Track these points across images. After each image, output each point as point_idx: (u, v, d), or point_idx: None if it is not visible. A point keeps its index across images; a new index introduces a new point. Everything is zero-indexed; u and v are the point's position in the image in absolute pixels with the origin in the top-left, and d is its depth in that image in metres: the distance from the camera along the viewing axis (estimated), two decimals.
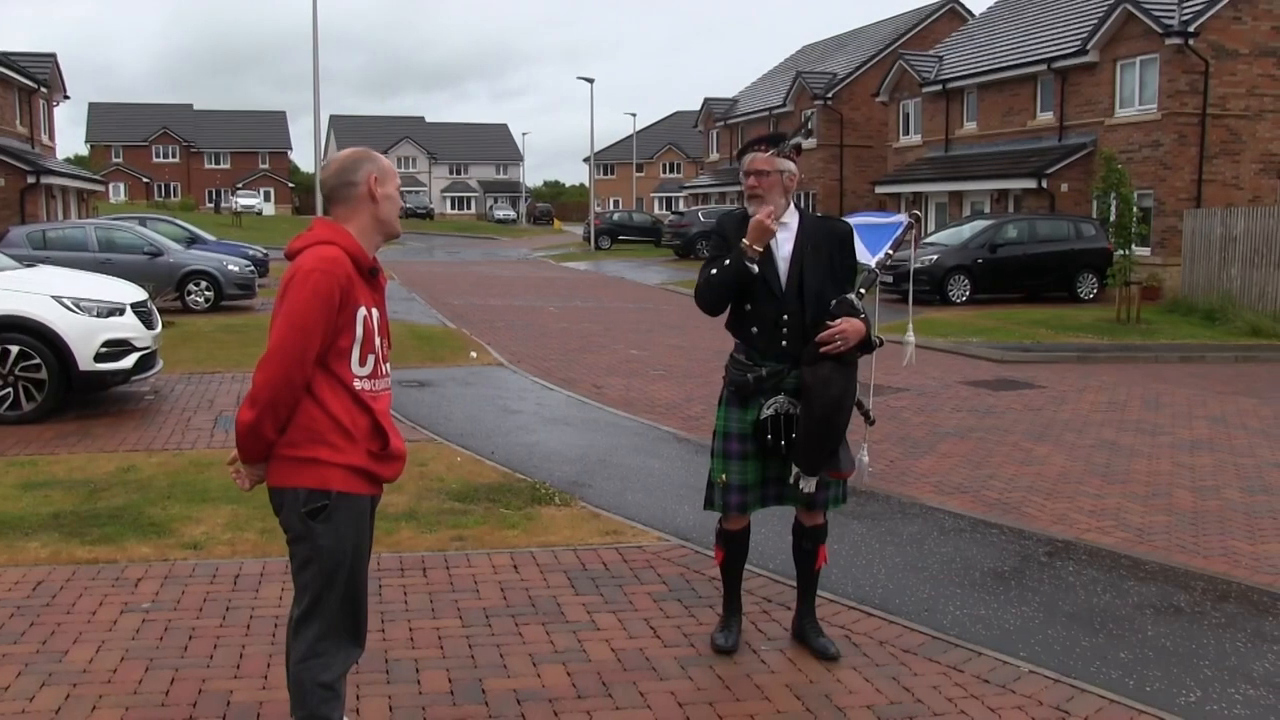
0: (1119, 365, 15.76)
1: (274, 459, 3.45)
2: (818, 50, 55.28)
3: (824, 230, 4.72)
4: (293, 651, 3.55)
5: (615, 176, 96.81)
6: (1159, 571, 6.31)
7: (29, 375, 9.79)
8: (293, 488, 3.44)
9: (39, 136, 36.35)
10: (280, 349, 3.32)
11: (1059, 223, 25.96)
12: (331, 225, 3.51)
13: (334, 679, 3.55)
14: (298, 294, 3.34)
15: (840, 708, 4.36)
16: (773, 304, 4.58)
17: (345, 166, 3.55)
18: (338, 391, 3.43)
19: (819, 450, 4.55)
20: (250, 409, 3.36)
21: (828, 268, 4.62)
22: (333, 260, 3.38)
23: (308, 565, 3.49)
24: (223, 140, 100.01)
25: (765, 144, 4.67)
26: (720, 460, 4.76)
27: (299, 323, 3.32)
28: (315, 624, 3.51)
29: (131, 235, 21.05)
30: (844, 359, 4.51)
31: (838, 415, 4.51)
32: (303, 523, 3.45)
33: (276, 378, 3.33)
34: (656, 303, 25.61)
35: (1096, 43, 27.99)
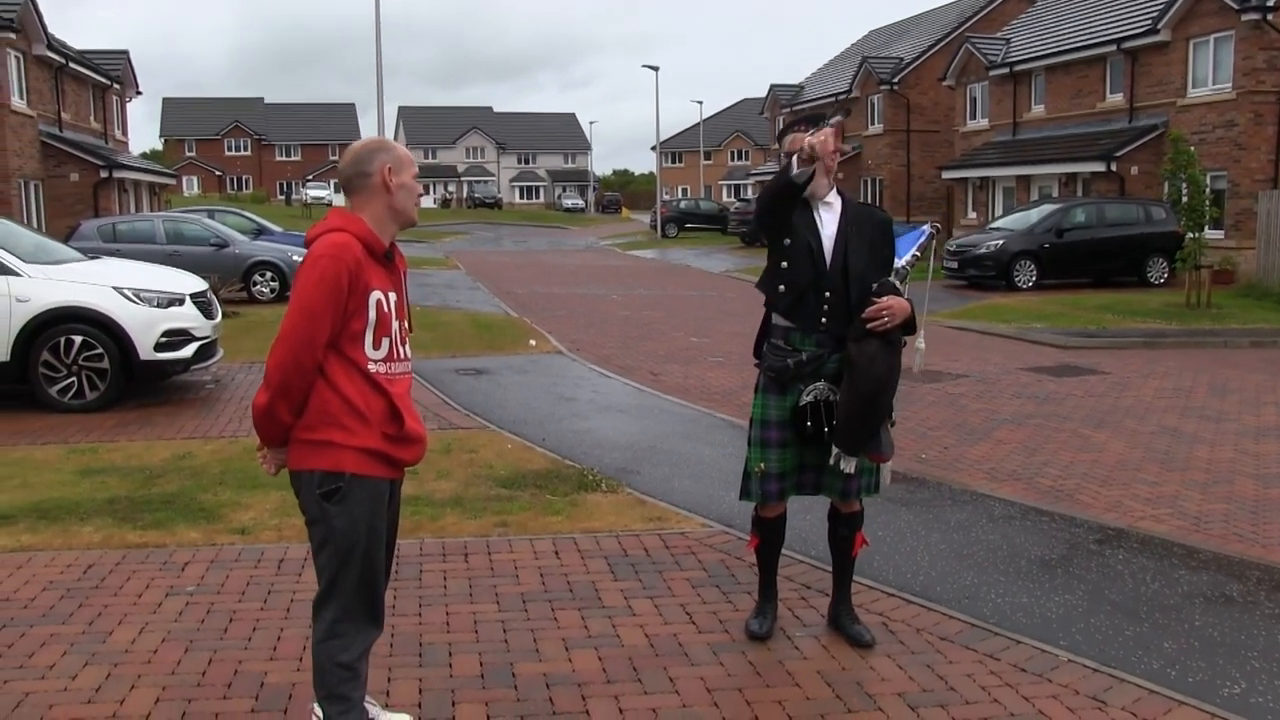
0: (1186, 351, 15.42)
1: (291, 442, 3.51)
2: (884, 35, 54.67)
3: (867, 216, 4.72)
4: (314, 631, 3.60)
5: (683, 164, 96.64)
6: (1212, 560, 6.16)
7: (92, 365, 10.00)
8: (308, 470, 3.49)
9: (112, 132, 37.08)
10: (289, 334, 3.38)
11: (1128, 206, 25.45)
12: (344, 214, 3.56)
13: (352, 659, 3.58)
14: (306, 280, 3.40)
15: (871, 694, 4.31)
16: (812, 270, 4.55)
17: (359, 157, 3.59)
18: (351, 375, 3.47)
19: (861, 429, 4.51)
20: (264, 393, 3.43)
21: (870, 252, 4.60)
22: (340, 245, 3.41)
23: (323, 547, 3.54)
24: (293, 133, 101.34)
25: (806, 125, 4.63)
26: (758, 449, 4.71)
27: (306, 307, 3.38)
28: (333, 605, 3.56)
29: (198, 227, 21.41)
30: (890, 338, 4.50)
31: (882, 394, 4.48)
32: (317, 505, 3.50)
33: (287, 362, 3.38)
34: (720, 290, 25.55)
35: (1168, 21, 27.34)
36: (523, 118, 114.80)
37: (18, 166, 27.03)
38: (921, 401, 11.01)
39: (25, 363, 9.90)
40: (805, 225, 4.60)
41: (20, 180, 27.31)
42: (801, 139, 4.48)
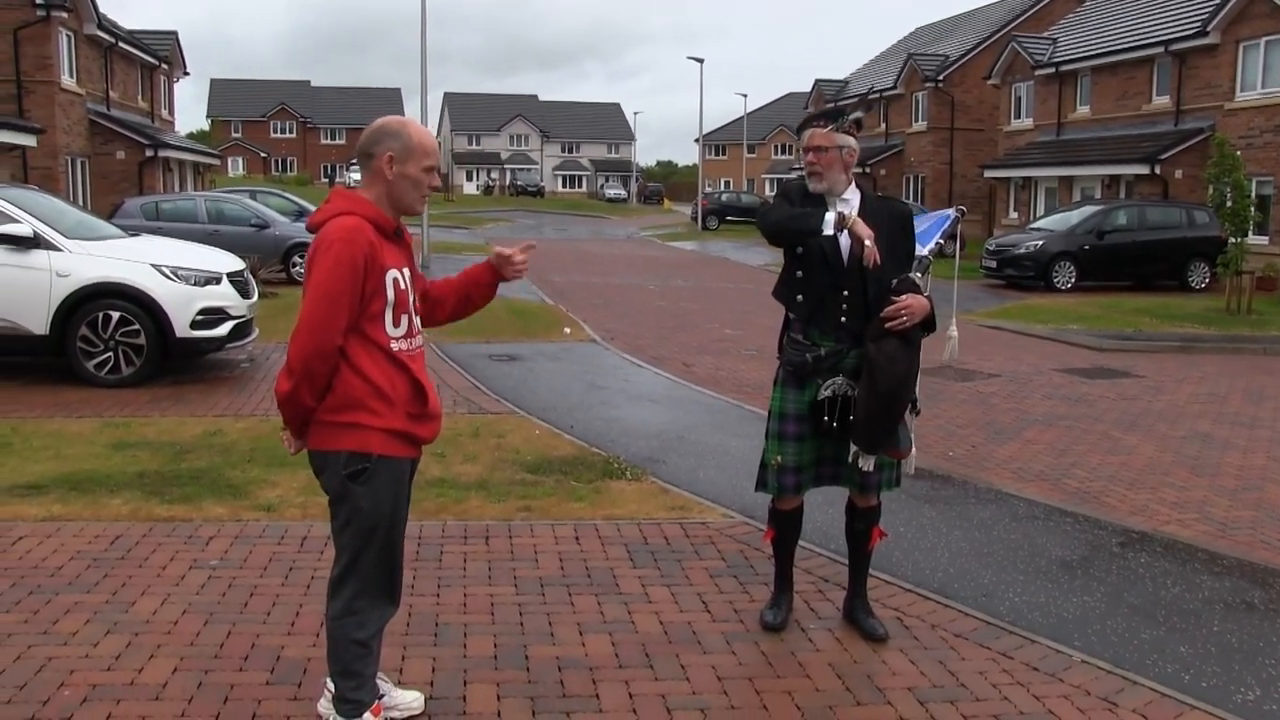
0: (1224, 356, 15.25)
1: (315, 424, 3.53)
2: (930, 32, 54.32)
3: (885, 210, 4.66)
4: (329, 609, 3.64)
5: (726, 157, 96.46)
6: (1236, 567, 6.11)
7: (128, 340, 10.14)
8: (334, 451, 3.52)
9: (159, 111, 37.49)
10: (310, 320, 3.39)
11: (1170, 209, 25.19)
12: (347, 196, 3.56)
13: (368, 636, 3.63)
14: (321, 265, 3.41)
15: (880, 688, 4.32)
16: (829, 275, 4.52)
17: (371, 136, 3.58)
18: (375, 356, 3.50)
19: (880, 428, 4.49)
20: (287, 379, 3.45)
21: (888, 247, 4.51)
22: (353, 229, 3.43)
23: (347, 526, 3.58)
24: (339, 116, 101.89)
25: (824, 119, 4.60)
26: (775, 441, 4.71)
27: (325, 292, 3.39)
28: (351, 583, 3.60)
29: (239, 208, 21.59)
30: (909, 336, 4.47)
31: (902, 392, 4.45)
32: (343, 485, 3.53)
33: (308, 348, 3.40)
34: (757, 283, 25.47)
35: (1218, 23, 27.01)
36: (567, 107, 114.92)
37: (66, 144, 27.38)
38: (952, 400, 10.97)
39: (64, 336, 10.04)
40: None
41: (68, 157, 27.67)
42: (819, 133, 4.51)
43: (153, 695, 4.06)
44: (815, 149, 4.55)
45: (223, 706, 3.99)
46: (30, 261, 9.96)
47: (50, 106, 26.52)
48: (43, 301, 9.96)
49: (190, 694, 4.07)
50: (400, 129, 3.58)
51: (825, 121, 4.58)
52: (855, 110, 4.70)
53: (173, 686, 4.13)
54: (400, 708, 3.89)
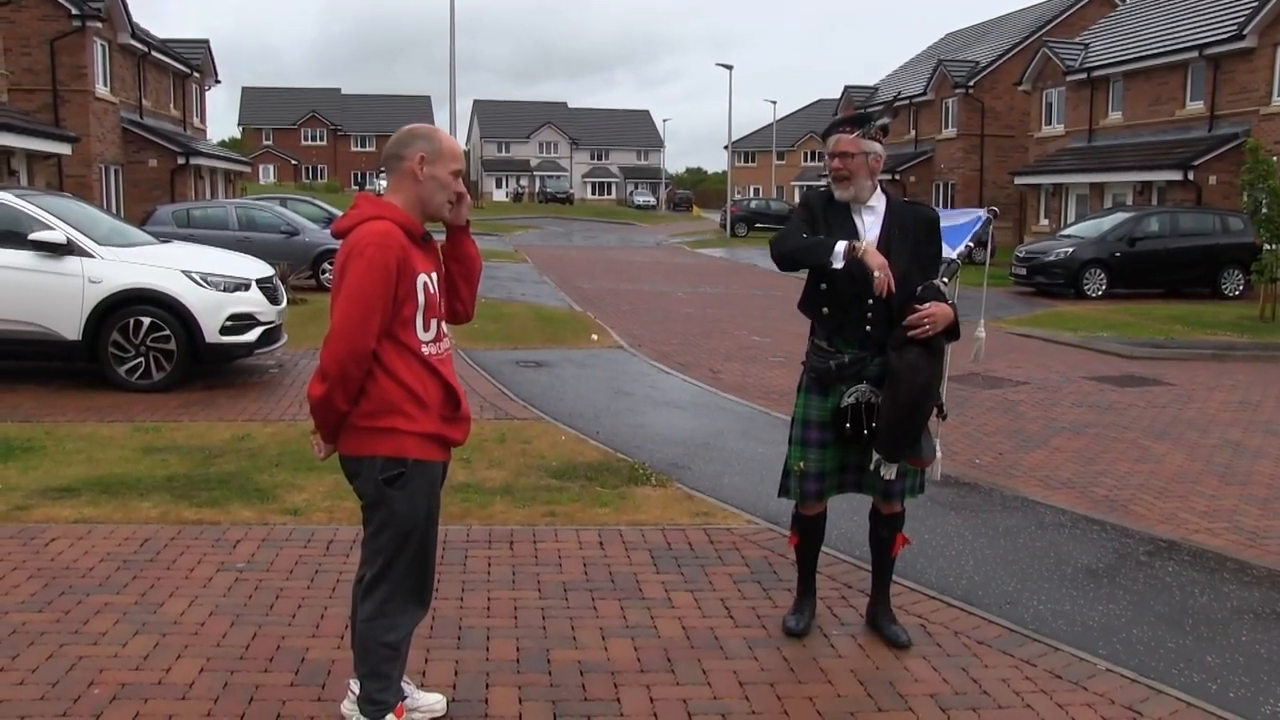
0: (1257, 364, 15.11)
1: (349, 429, 3.55)
2: (961, 38, 54.12)
3: (911, 215, 4.63)
4: (360, 611, 3.66)
5: (756, 164, 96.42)
6: (1266, 576, 6.05)
7: (159, 346, 10.24)
8: (370, 456, 3.54)
9: (191, 119, 37.86)
10: (344, 326, 3.41)
11: (1203, 216, 24.99)
12: (375, 201, 3.59)
13: (398, 639, 3.66)
14: (355, 270, 3.42)
15: (902, 694, 4.31)
16: (853, 288, 4.47)
17: (400, 139, 3.62)
18: (408, 361, 3.53)
19: (903, 437, 4.48)
20: (320, 384, 3.47)
21: (913, 253, 4.52)
22: (384, 234, 3.45)
23: (382, 530, 3.60)
24: (369, 124, 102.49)
25: (851, 125, 4.59)
26: (798, 448, 4.70)
27: (359, 297, 3.40)
28: (384, 586, 3.62)
29: (270, 215, 21.76)
30: (931, 345, 4.45)
31: (924, 401, 4.44)
32: (379, 490, 3.56)
33: (342, 353, 3.41)
34: (786, 290, 25.41)
35: (1254, 27, 26.78)
36: (596, 114, 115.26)
37: (99, 152, 27.70)
38: (980, 407, 10.92)
39: (96, 342, 10.16)
40: (844, 233, 4.52)
41: (101, 165, 27.99)
42: (845, 139, 4.51)
43: (179, 695, 4.11)
44: (841, 154, 4.53)
45: (248, 707, 4.03)
46: (63, 268, 10.09)
47: (85, 115, 26.85)
48: (75, 307, 10.08)
49: (216, 694, 4.12)
50: (430, 133, 3.64)
51: (851, 127, 4.57)
52: (882, 116, 4.69)
53: (199, 686, 4.18)
54: (423, 709, 3.92)
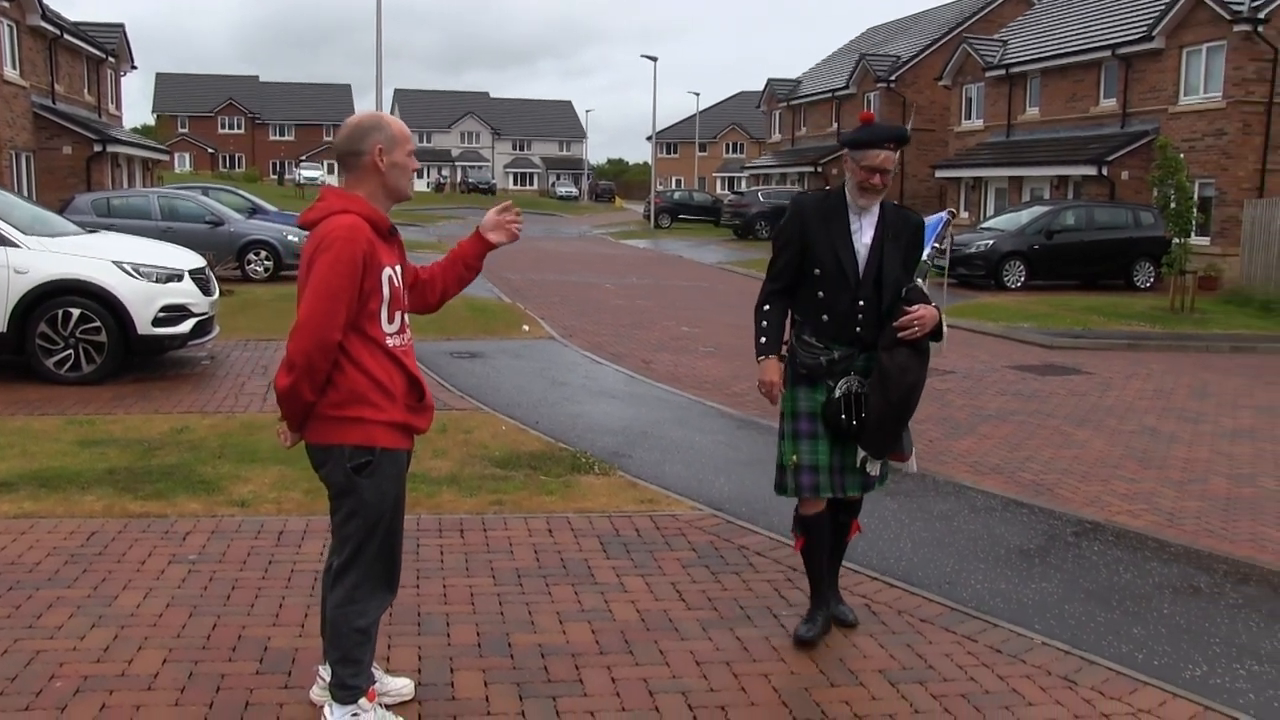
0: (1169, 354, 15.65)
1: (316, 418, 3.60)
2: (882, 33, 54.87)
3: (901, 220, 4.64)
4: (330, 598, 3.72)
5: (678, 155, 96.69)
6: (1183, 554, 6.37)
7: (89, 338, 10.10)
8: (338, 444, 3.60)
9: (106, 106, 37.05)
10: (310, 318, 3.47)
11: (1117, 210, 25.69)
12: (342, 194, 3.64)
13: (369, 624, 3.73)
14: (322, 263, 3.48)
15: (853, 670, 4.49)
16: (848, 293, 4.53)
17: (353, 135, 3.65)
18: (374, 353, 3.60)
19: (890, 434, 4.54)
20: (287, 374, 3.51)
21: (902, 257, 4.58)
22: (352, 227, 3.51)
23: (351, 518, 3.66)
24: (287, 112, 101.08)
25: (895, 143, 4.51)
26: (790, 442, 4.67)
27: (326, 290, 3.46)
28: (354, 573, 3.69)
29: (194, 204, 21.42)
30: (919, 345, 4.51)
31: (912, 400, 4.51)
32: (348, 478, 3.61)
33: (308, 344, 3.47)
34: (712, 281, 25.69)
35: (1163, 29, 27.57)
36: (519, 104, 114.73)
37: (10, 137, 27.01)
38: None
39: (23, 334, 9.99)
40: (839, 235, 4.55)
41: (12, 151, 27.30)
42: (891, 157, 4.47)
43: (145, 685, 4.14)
44: (883, 171, 4.48)
45: (215, 695, 4.07)
46: None
47: None
48: (0, 299, 9.91)
49: (182, 683, 4.16)
50: (378, 122, 3.68)
51: (896, 145, 4.51)
52: (908, 124, 4.76)
53: (164, 676, 4.21)
54: (391, 694, 4.00)
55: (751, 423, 9.65)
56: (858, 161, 4.52)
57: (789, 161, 52.54)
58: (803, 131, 54.30)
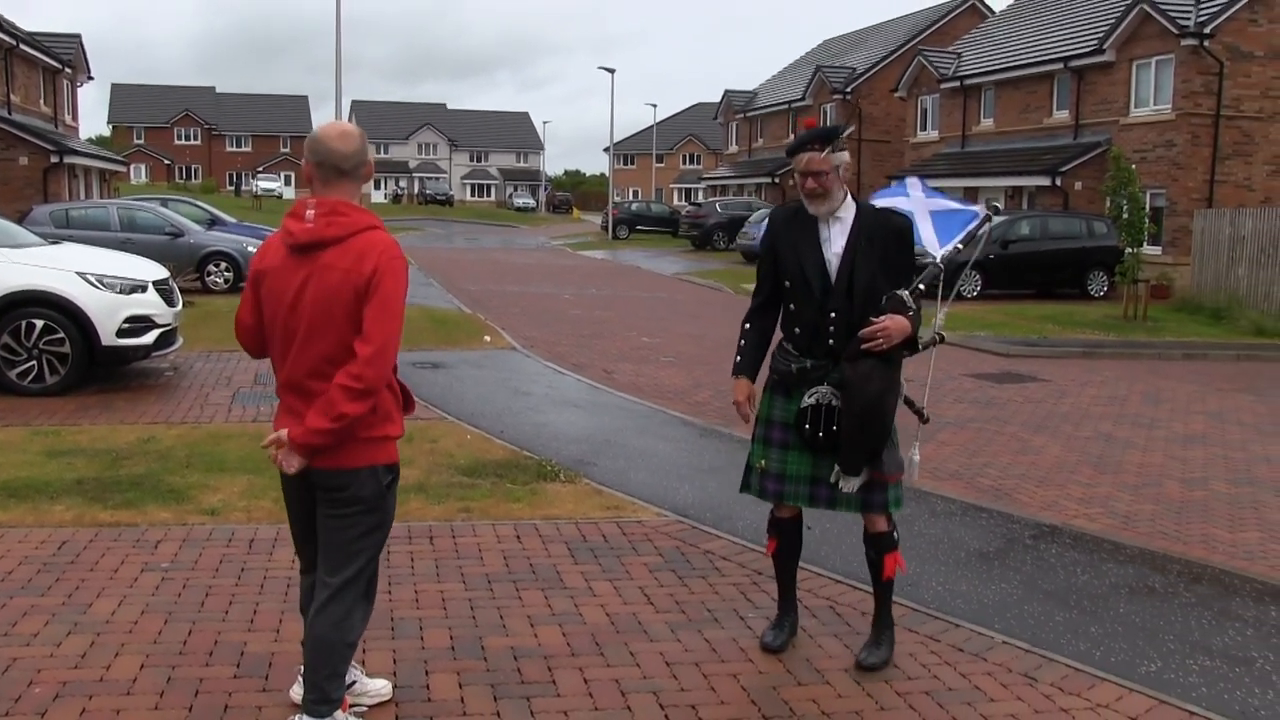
0: (1123, 361, 15.93)
1: (348, 441, 3.52)
2: (838, 45, 55.38)
3: (880, 224, 4.48)
4: (327, 616, 3.64)
5: (635, 167, 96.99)
6: (1138, 555, 6.55)
7: (53, 349, 10.08)
8: (370, 466, 3.58)
9: (62, 116, 36.73)
10: (389, 343, 3.44)
11: (1071, 220, 26.10)
12: (357, 208, 3.56)
13: (358, 637, 3.77)
14: (391, 285, 3.45)
15: (819, 670, 4.61)
16: (816, 305, 4.45)
17: (361, 146, 3.62)
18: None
19: (857, 449, 4.39)
20: (361, 402, 3.43)
21: (880, 263, 4.41)
22: (396, 245, 3.56)
23: (371, 533, 3.67)
24: (244, 123, 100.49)
25: (820, 142, 4.41)
26: (760, 446, 4.65)
27: (396, 313, 3.47)
28: (357, 587, 3.69)
29: (153, 216, 21.33)
30: (887, 357, 4.35)
31: (877, 414, 4.34)
32: (378, 496, 3.63)
33: (386, 370, 3.46)
34: (671, 292, 25.84)
35: (1113, 42, 28.07)
36: (476, 115, 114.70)
37: None
38: None
39: None
40: (809, 246, 4.48)
41: None
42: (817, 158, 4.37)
43: (124, 690, 4.19)
44: (815, 174, 4.39)
45: (194, 699, 4.13)
46: None
47: None
48: None
49: (161, 688, 4.21)
50: (361, 132, 3.69)
51: (821, 144, 4.40)
52: (847, 128, 4.68)
53: (143, 682, 4.26)
54: (371, 694, 4.07)
55: (713, 431, 9.77)
56: (794, 169, 4.49)
57: (746, 173, 52.90)
58: (760, 143, 54.69)
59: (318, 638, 3.66)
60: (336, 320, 3.47)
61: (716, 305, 23.04)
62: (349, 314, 3.46)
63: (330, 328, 3.48)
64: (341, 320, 3.47)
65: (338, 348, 3.47)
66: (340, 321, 3.47)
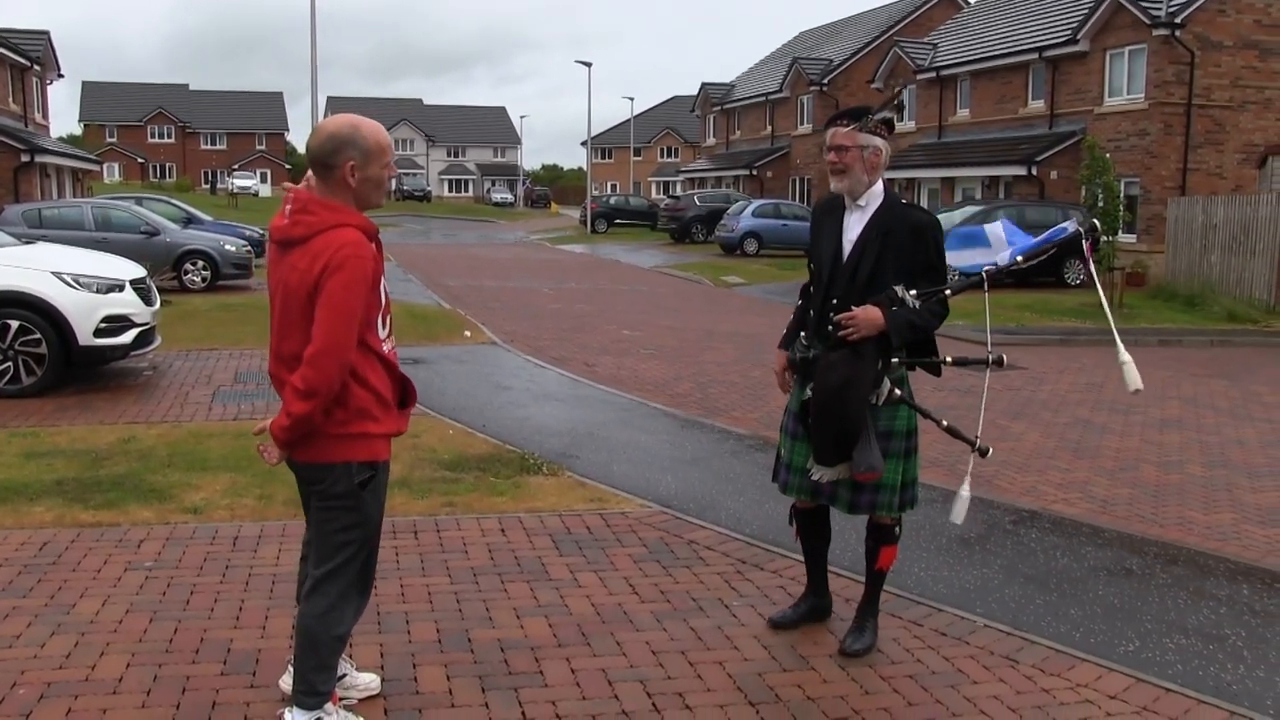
0: (1099, 348, 16.04)
1: (320, 437, 3.53)
2: (814, 36, 55.48)
3: (899, 217, 4.46)
4: (309, 608, 3.68)
5: (613, 160, 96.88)
6: (1116, 538, 6.64)
7: (29, 350, 10.00)
8: (344, 462, 3.58)
9: (32, 115, 36.46)
10: (333, 344, 3.42)
11: (1047, 209, 26.22)
12: (330, 205, 3.54)
13: (347, 630, 3.77)
14: (337, 285, 3.42)
15: (803, 656, 4.65)
16: (823, 290, 4.52)
17: (325, 147, 3.55)
18: (373, 364, 3.60)
19: (822, 439, 4.42)
20: (307, 402, 3.43)
21: (895, 257, 4.40)
22: (358, 244, 3.48)
23: (351, 529, 3.66)
24: (219, 121, 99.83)
25: (847, 118, 4.46)
26: (782, 435, 4.82)
27: (344, 313, 3.42)
28: (340, 581, 3.69)
29: (128, 215, 21.21)
30: (858, 349, 4.33)
31: (836, 404, 4.33)
32: (353, 494, 3.62)
33: (333, 371, 3.42)
34: (650, 285, 25.87)
35: (1087, 32, 28.23)
36: (453, 111, 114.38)
37: None
38: None
39: None
40: (830, 232, 4.56)
41: None
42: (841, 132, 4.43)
43: (110, 689, 4.18)
44: (836, 148, 4.44)
45: (182, 696, 4.13)
46: None
47: None
48: None
49: (148, 686, 4.21)
50: (354, 134, 3.55)
51: (848, 120, 4.46)
52: (883, 109, 4.52)
53: (129, 680, 4.26)
54: (360, 688, 4.09)
55: (695, 422, 9.80)
56: (825, 146, 4.54)
57: (724, 165, 52.95)
58: (737, 135, 54.75)
59: (302, 629, 3.70)
60: (298, 320, 3.49)
61: (696, 298, 23.08)
62: (306, 315, 3.47)
63: (293, 327, 3.51)
64: (303, 321, 3.48)
65: (301, 346, 3.48)
66: (301, 321, 3.48)
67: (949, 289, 4.51)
